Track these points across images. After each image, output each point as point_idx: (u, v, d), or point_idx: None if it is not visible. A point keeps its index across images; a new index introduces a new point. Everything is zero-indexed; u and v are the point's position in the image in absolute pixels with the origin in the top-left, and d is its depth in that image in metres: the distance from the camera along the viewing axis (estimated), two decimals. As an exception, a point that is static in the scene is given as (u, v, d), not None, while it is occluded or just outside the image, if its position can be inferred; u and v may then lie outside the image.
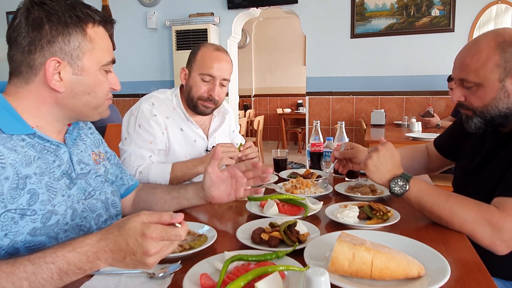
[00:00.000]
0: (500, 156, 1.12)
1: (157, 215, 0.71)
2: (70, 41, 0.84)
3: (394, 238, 0.93)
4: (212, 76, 1.59)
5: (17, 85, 0.86)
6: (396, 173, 1.11)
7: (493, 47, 1.05)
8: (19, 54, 0.84)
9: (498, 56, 1.04)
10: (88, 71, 0.87)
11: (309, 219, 1.12)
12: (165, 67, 4.95)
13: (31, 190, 0.82)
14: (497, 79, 1.05)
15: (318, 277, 0.60)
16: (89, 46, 0.86)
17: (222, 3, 4.66)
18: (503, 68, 1.04)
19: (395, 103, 4.32)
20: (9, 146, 0.81)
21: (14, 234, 0.79)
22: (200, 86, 1.60)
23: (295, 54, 8.23)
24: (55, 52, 0.83)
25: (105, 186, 1.04)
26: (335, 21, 4.36)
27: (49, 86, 0.84)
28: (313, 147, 1.79)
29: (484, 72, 1.06)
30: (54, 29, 0.82)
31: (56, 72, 0.84)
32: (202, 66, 1.59)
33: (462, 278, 0.78)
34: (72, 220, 0.91)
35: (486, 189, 1.08)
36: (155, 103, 1.61)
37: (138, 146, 1.55)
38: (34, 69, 0.84)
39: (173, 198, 1.19)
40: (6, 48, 0.88)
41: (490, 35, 1.08)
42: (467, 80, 1.10)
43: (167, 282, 0.77)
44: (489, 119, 1.11)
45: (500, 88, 1.06)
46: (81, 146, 1.01)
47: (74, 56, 0.85)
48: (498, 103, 1.07)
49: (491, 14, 3.98)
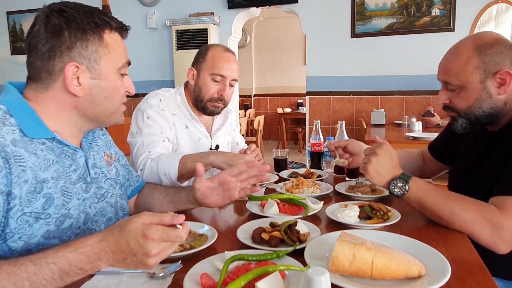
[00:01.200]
0: (492, 155, 1.13)
1: (158, 216, 0.71)
2: (88, 46, 0.86)
3: (395, 237, 0.93)
4: (223, 76, 1.59)
5: (36, 90, 0.88)
6: (395, 174, 1.11)
7: (472, 50, 1.09)
8: (39, 60, 0.85)
9: (477, 59, 1.08)
10: (106, 75, 0.90)
11: (310, 219, 1.12)
12: (165, 67, 4.95)
13: (46, 194, 0.83)
14: (478, 80, 1.09)
15: (319, 277, 0.60)
16: (105, 51, 0.89)
17: (222, 2, 4.65)
18: (483, 70, 1.08)
19: (396, 103, 4.32)
20: (29, 149, 0.82)
21: (29, 237, 0.81)
22: (210, 86, 1.60)
23: (295, 54, 8.22)
24: (74, 57, 0.85)
25: (115, 189, 1.05)
26: (335, 20, 4.36)
27: (69, 90, 0.86)
28: (313, 146, 1.79)
29: (465, 74, 1.10)
30: (73, 35, 0.85)
31: (75, 77, 0.86)
32: (213, 67, 1.59)
33: (463, 277, 0.78)
34: (84, 224, 0.92)
35: (482, 189, 1.08)
36: (162, 99, 1.61)
37: (150, 134, 1.51)
38: (54, 75, 0.86)
39: (169, 202, 1.19)
40: (6, 48, 0.88)
41: (470, 39, 1.12)
42: (450, 83, 1.14)
43: (167, 282, 0.77)
44: (474, 120, 1.15)
45: (482, 89, 1.10)
46: (95, 149, 1.02)
47: (92, 60, 0.87)
48: (481, 103, 1.11)
49: (492, 13, 3.97)
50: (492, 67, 1.08)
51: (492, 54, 1.07)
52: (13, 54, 5.51)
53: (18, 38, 5.48)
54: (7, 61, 5.52)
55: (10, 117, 0.82)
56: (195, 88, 1.64)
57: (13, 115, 0.83)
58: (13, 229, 0.78)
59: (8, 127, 0.81)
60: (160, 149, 1.49)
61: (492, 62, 1.07)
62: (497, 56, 1.07)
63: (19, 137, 0.81)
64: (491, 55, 1.07)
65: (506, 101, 1.11)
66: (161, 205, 1.19)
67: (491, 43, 1.08)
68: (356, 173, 1.61)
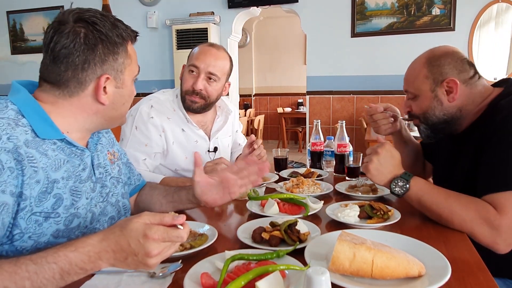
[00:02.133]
0: (460, 159, 1.20)
1: (159, 216, 0.71)
2: (118, 58, 0.90)
3: (395, 237, 0.94)
4: (196, 67, 1.56)
5: (57, 96, 0.88)
6: (396, 173, 1.12)
7: (423, 62, 1.22)
8: (69, 71, 0.86)
9: (426, 69, 1.21)
10: (126, 84, 0.94)
11: (310, 218, 1.12)
12: (165, 67, 4.95)
13: (56, 194, 0.84)
14: (429, 89, 1.21)
15: (319, 276, 0.60)
16: (129, 61, 0.93)
17: (223, 2, 4.65)
18: (432, 79, 1.20)
19: (396, 102, 4.27)
20: (41, 150, 0.82)
21: (38, 236, 0.81)
22: (186, 78, 1.59)
23: (295, 53, 8.22)
24: (106, 70, 0.89)
25: (117, 188, 1.06)
26: (335, 20, 4.36)
27: (98, 100, 0.89)
28: (313, 146, 1.80)
29: (418, 84, 1.23)
30: (106, 48, 0.87)
31: (103, 87, 0.89)
32: (191, 58, 1.60)
33: (463, 277, 0.78)
34: (91, 224, 0.93)
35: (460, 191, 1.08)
36: (154, 105, 1.60)
37: (134, 148, 1.55)
38: (84, 85, 0.88)
39: (168, 202, 1.19)
40: (6, 47, 0.88)
41: (425, 53, 1.25)
42: (409, 92, 1.28)
43: (167, 282, 0.77)
44: (431, 126, 1.25)
45: (433, 97, 1.21)
46: (99, 148, 1.03)
47: (118, 71, 0.91)
48: (434, 110, 1.22)
49: (492, 13, 3.97)
50: (440, 76, 1.19)
51: (439, 65, 1.19)
52: (13, 54, 5.49)
53: (18, 37, 5.47)
54: (7, 60, 5.52)
55: (22, 118, 0.82)
56: (180, 85, 1.64)
57: (25, 116, 0.83)
58: (23, 229, 0.79)
59: (21, 127, 0.81)
60: (141, 167, 1.53)
61: (439, 72, 1.19)
62: (444, 67, 1.19)
63: (31, 138, 0.82)
64: (438, 66, 1.19)
65: (460, 108, 1.20)
66: (161, 205, 1.19)
67: (439, 55, 1.21)
68: (356, 173, 1.61)
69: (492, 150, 1.05)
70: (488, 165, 1.05)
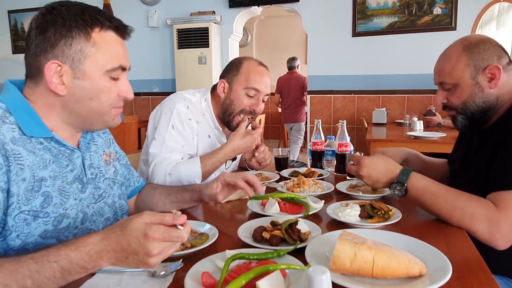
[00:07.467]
0: (481, 152, 1.19)
1: (160, 216, 0.71)
2: (72, 44, 0.84)
3: (396, 236, 0.94)
4: (258, 91, 1.57)
5: (30, 87, 0.88)
6: (392, 176, 1.15)
7: (461, 50, 1.19)
8: (29, 57, 0.86)
9: (466, 57, 1.17)
10: (90, 76, 0.86)
11: (311, 218, 1.12)
12: (166, 66, 4.95)
13: (45, 192, 0.83)
14: (470, 76, 1.18)
15: (320, 276, 0.60)
16: (92, 50, 0.85)
17: (224, 1, 4.65)
18: (473, 66, 1.17)
19: (397, 102, 4.31)
20: (28, 148, 0.82)
21: (26, 236, 0.81)
22: (243, 100, 1.57)
23: (296, 53, 8.19)
24: (57, 55, 0.83)
25: (113, 189, 1.05)
26: (336, 19, 4.35)
27: (50, 88, 0.85)
28: (314, 145, 1.79)
29: (457, 72, 1.19)
30: (58, 32, 0.83)
31: (59, 76, 0.85)
32: (247, 80, 1.56)
33: (464, 276, 0.78)
34: (82, 224, 0.92)
35: (478, 185, 1.10)
36: (189, 106, 1.55)
37: (170, 149, 1.47)
38: (41, 72, 0.85)
39: (171, 202, 1.19)
40: (7, 46, 0.89)
41: (458, 41, 1.23)
42: (445, 83, 1.23)
43: (168, 281, 0.77)
44: (470, 115, 1.22)
45: (474, 84, 1.18)
46: (93, 148, 1.02)
47: (75, 60, 0.84)
48: (474, 98, 1.19)
49: (493, 12, 3.96)
50: (481, 63, 1.16)
51: (479, 51, 1.16)
52: (15, 53, 5.51)
53: (19, 36, 5.48)
54: (8, 59, 5.52)
55: (9, 115, 0.83)
56: (225, 101, 1.59)
57: (13, 114, 0.83)
58: (11, 226, 0.79)
59: (8, 125, 0.81)
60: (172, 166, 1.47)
61: (480, 58, 1.16)
62: (484, 53, 1.16)
63: (18, 136, 0.82)
64: (479, 53, 1.16)
65: (497, 96, 1.18)
66: (163, 205, 1.19)
67: (476, 42, 1.18)
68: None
69: (504, 149, 1.06)
70: (497, 165, 1.06)
